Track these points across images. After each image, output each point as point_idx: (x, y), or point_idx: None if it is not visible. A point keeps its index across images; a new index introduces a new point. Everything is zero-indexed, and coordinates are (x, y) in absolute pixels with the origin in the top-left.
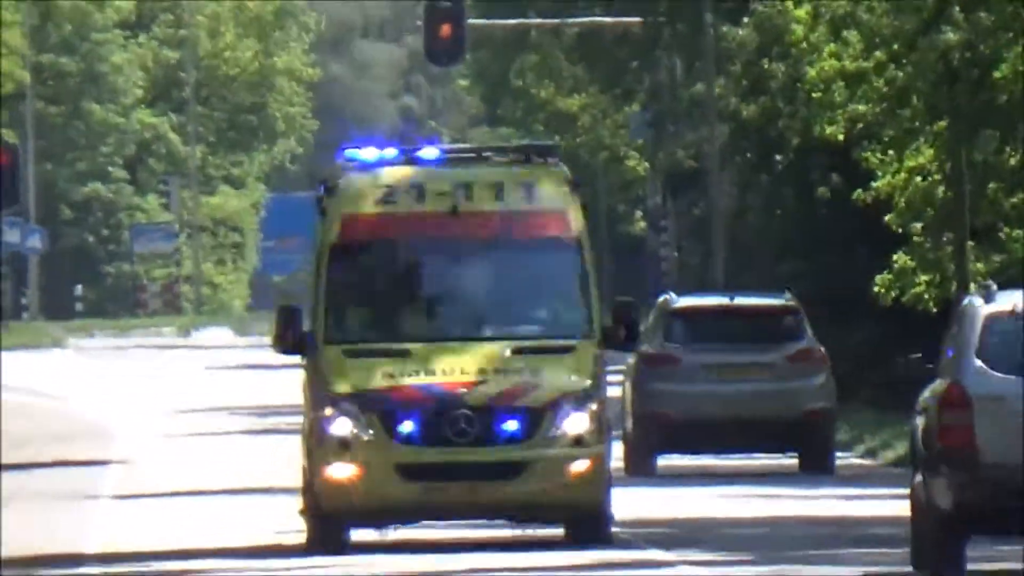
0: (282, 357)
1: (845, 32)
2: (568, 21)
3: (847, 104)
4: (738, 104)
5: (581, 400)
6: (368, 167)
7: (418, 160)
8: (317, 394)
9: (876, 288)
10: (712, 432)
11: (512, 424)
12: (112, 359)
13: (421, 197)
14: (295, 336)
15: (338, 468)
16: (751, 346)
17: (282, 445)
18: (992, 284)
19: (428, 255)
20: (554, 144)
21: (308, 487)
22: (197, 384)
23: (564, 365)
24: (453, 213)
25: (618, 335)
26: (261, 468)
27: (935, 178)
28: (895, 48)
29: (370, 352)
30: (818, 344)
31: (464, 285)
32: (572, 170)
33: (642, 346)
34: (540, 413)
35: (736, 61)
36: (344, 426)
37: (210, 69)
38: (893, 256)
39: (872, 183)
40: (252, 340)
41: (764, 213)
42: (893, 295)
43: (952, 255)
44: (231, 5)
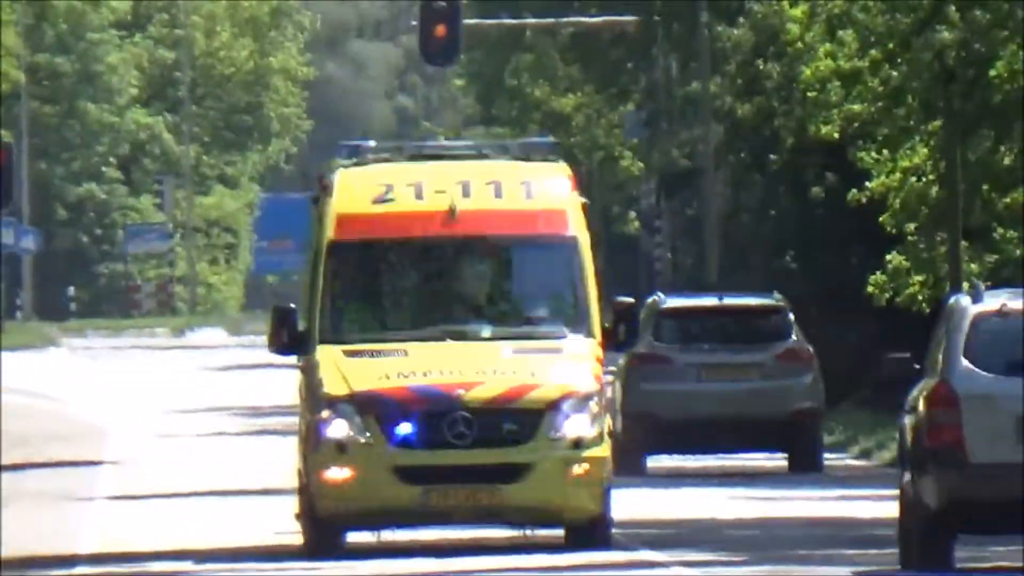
0: (277, 357)
1: (840, 32)
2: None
3: (842, 104)
4: (733, 104)
5: (582, 401)
6: (365, 164)
7: (417, 157)
8: (313, 395)
9: (870, 288)
10: (701, 432)
11: (511, 426)
12: (106, 359)
13: (419, 195)
14: (290, 336)
15: (334, 471)
16: (739, 346)
17: (277, 446)
18: (979, 284)
19: (426, 254)
20: (554, 142)
21: (304, 490)
22: (191, 384)
23: (564, 366)
24: (451, 212)
25: (619, 335)
26: (256, 469)
27: (929, 178)
28: (890, 47)
29: (367, 353)
30: (806, 343)
31: (462, 284)
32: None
33: None
34: (540, 415)
35: (731, 61)
36: (340, 428)
37: (205, 69)
38: (887, 256)
39: (867, 183)
40: (246, 340)
41: (758, 213)
42: (887, 296)
43: (946, 255)
44: (226, 5)
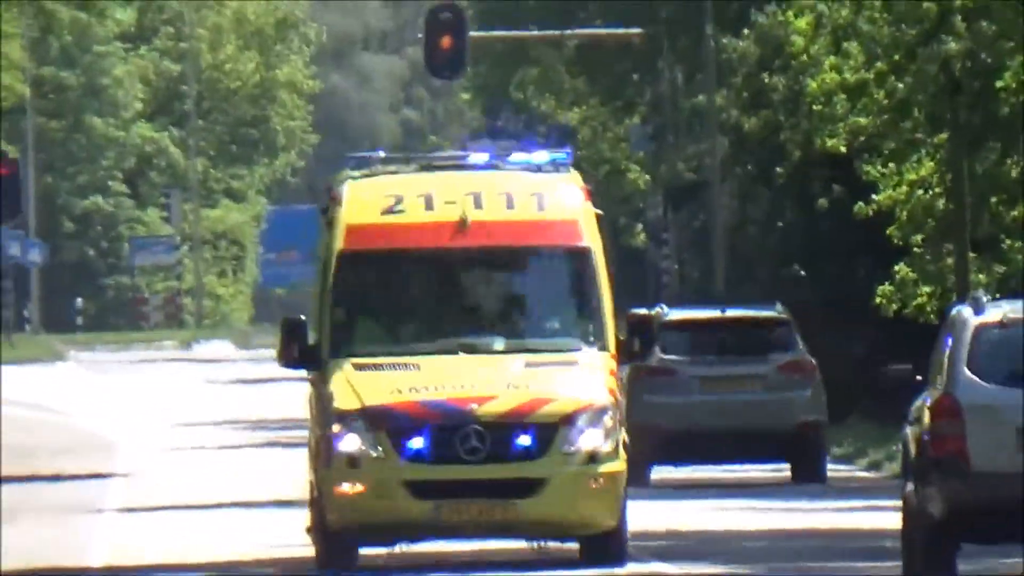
0: (284, 370)
1: (846, 44)
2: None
3: (848, 117)
4: (739, 116)
5: (596, 415)
6: (375, 175)
7: (427, 168)
8: (324, 410)
9: (877, 299)
10: (705, 443)
11: (525, 440)
12: (113, 372)
13: (430, 206)
14: (300, 350)
15: (346, 485)
16: (742, 358)
17: (285, 458)
18: (982, 295)
19: (437, 266)
20: (567, 152)
21: (315, 504)
22: (199, 397)
23: (578, 379)
24: (462, 222)
25: (633, 347)
26: (263, 481)
27: (936, 191)
28: (896, 58)
29: (377, 366)
30: (808, 355)
31: (474, 297)
32: None
33: None
34: (554, 429)
35: (737, 73)
36: (352, 443)
37: (211, 82)
38: (894, 267)
39: (873, 196)
40: (254, 353)
41: (765, 225)
42: (894, 307)
43: (953, 267)
44: (232, 18)
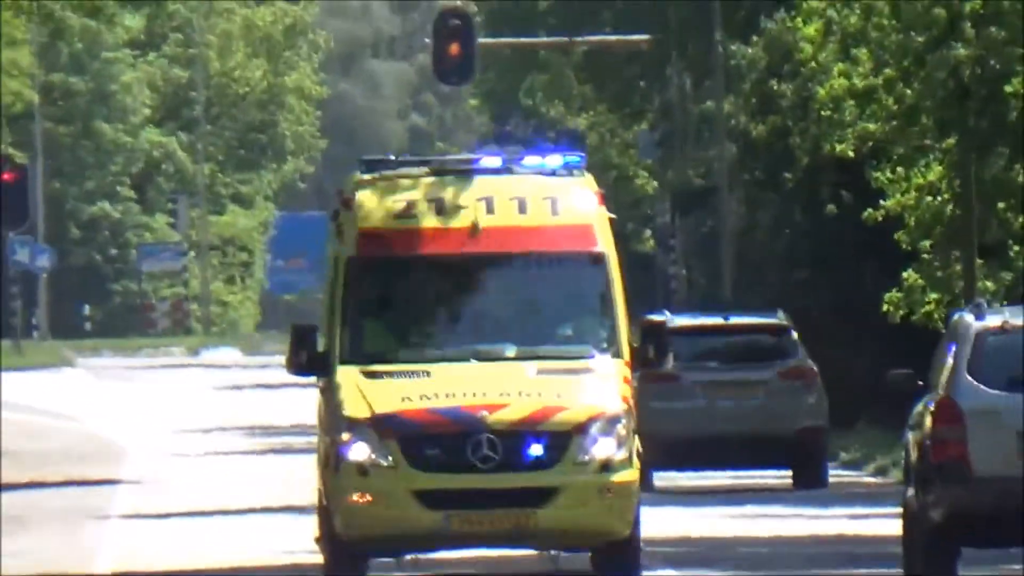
0: (293, 377)
1: (854, 50)
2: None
3: (856, 123)
4: (747, 123)
5: (610, 423)
6: (386, 180)
7: (439, 172)
8: (333, 418)
9: (885, 306)
10: (707, 449)
11: (537, 449)
12: (121, 378)
13: (441, 211)
14: (309, 357)
15: (355, 495)
16: (745, 364)
17: (293, 464)
18: (983, 301)
19: (448, 272)
20: (580, 155)
21: (324, 513)
22: (206, 403)
23: (592, 386)
24: (474, 228)
25: (647, 354)
26: (271, 488)
27: (944, 196)
28: (905, 64)
29: (388, 373)
30: (810, 361)
31: (486, 303)
32: None
33: None
34: (567, 437)
35: (746, 80)
36: (361, 451)
37: (219, 88)
38: (903, 273)
39: (882, 201)
40: (261, 359)
41: (773, 230)
42: (902, 313)
43: (961, 273)
44: (241, 24)
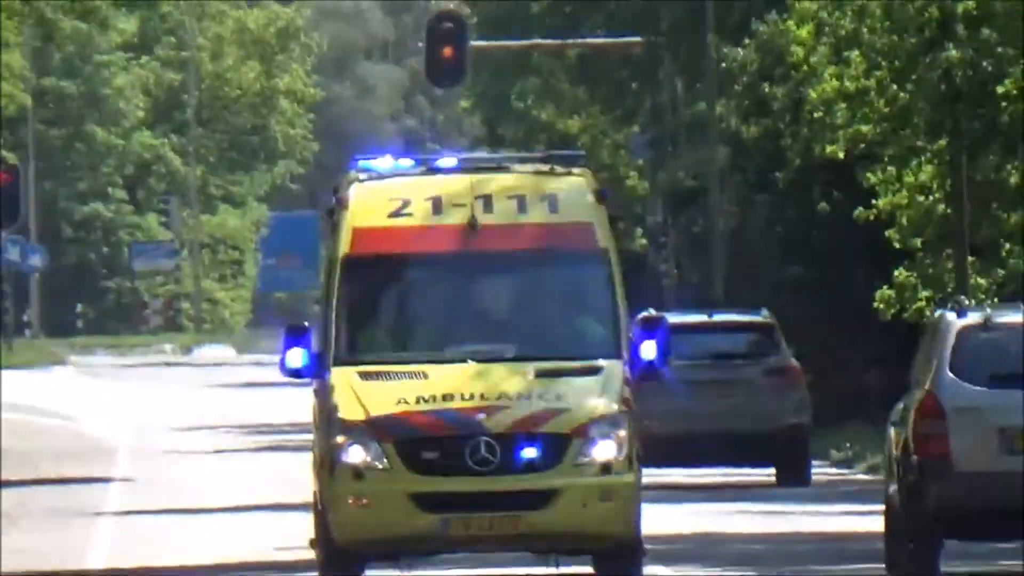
0: (283, 375)
1: (846, 52)
2: (569, 42)
3: (848, 125)
4: (739, 125)
5: (610, 425)
6: (382, 177)
7: (435, 170)
8: (328, 420)
9: (877, 304)
10: (691, 446)
11: (536, 451)
12: (113, 377)
13: (438, 209)
14: (303, 357)
15: (351, 498)
16: (729, 362)
17: (285, 463)
18: (964, 299)
19: (445, 271)
20: (580, 152)
21: (319, 517)
22: (198, 401)
23: (591, 388)
24: (472, 226)
25: (647, 354)
26: (263, 486)
27: (936, 196)
28: (896, 66)
29: (384, 375)
30: (794, 360)
31: (483, 303)
32: None
33: None
34: (567, 439)
35: (737, 82)
36: (357, 454)
37: (212, 91)
38: (895, 272)
39: (874, 201)
40: (253, 358)
41: (764, 230)
42: (894, 311)
43: (953, 271)
44: (233, 27)
